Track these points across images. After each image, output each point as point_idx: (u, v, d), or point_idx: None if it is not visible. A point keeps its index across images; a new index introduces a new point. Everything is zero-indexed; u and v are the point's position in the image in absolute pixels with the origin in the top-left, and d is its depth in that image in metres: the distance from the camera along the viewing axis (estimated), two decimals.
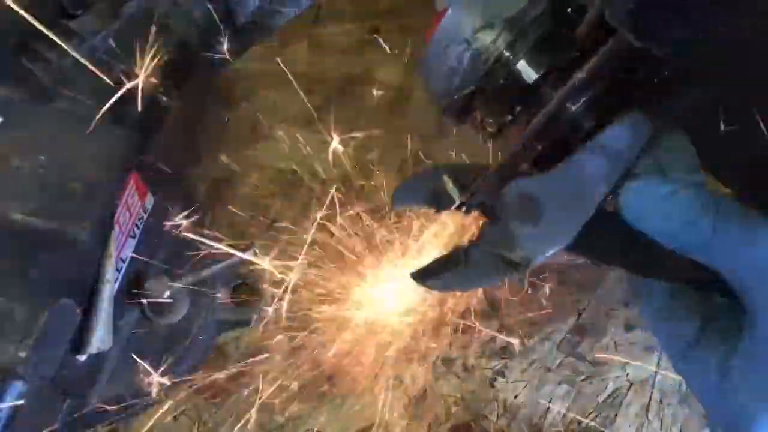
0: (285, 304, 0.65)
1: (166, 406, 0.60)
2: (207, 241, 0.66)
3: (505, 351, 0.64)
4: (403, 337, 0.63)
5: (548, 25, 0.42)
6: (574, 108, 0.41)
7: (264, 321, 0.64)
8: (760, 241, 0.33)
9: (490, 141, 0.47)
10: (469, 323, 0.64)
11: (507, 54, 0.42)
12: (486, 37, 0.42)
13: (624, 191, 0.38)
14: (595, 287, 0.68)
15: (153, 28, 0.59)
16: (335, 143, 0.73)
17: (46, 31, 0.56)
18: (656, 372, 0.64)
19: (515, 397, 0.60)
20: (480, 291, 0.65)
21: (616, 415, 0.60)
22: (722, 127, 0.56)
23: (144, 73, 0.56)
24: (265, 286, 0.64)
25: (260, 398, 0.61)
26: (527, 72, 0.42)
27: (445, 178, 0.44)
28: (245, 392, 0.61)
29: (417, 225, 0.68)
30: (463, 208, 0.44)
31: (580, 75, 0.39)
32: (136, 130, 0.52)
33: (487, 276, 0.40)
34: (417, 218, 0.67)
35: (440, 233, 0.66)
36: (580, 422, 0.59)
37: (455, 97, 0.45)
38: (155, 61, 0.57)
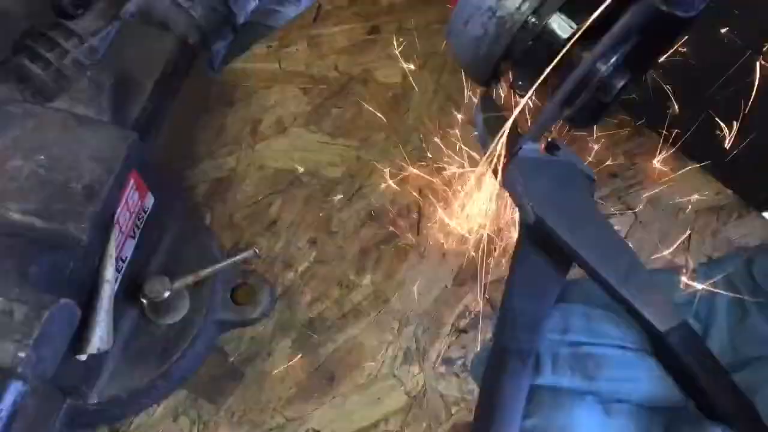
0: (284, 304, 0.65)
1: (166, 406, 0.60)
2: (207, 241, 0.66)
3: None
4: (406, 336, 0.63)
5: None
6: (604, 68, 0.40)
7: (264, 321, 0.64)
8: None
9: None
10: (469, 323, 0.64)
11: (533, 20, 0.41)
12: (510, 4, 0.41)
13: None
14: None
15: (153, 28, 0.59)
16: (335, 143, 0.73)
17: (46, 31, 0.56)
18: None
19: None
20: (479, 292, 0.65)
21: None
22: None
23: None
24: (265, 286, 0.64)
25: (260, 398, 0.61)
26: (554, 36, 0.41)
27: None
28: (245, 392, 0.61)
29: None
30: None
31: (608, 36, 0.38)
32: (136, 130, 0.52)
33: None
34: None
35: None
36: None
37: (482, 65, 0.44)
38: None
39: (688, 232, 0.68)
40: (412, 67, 0.78)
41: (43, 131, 0.49)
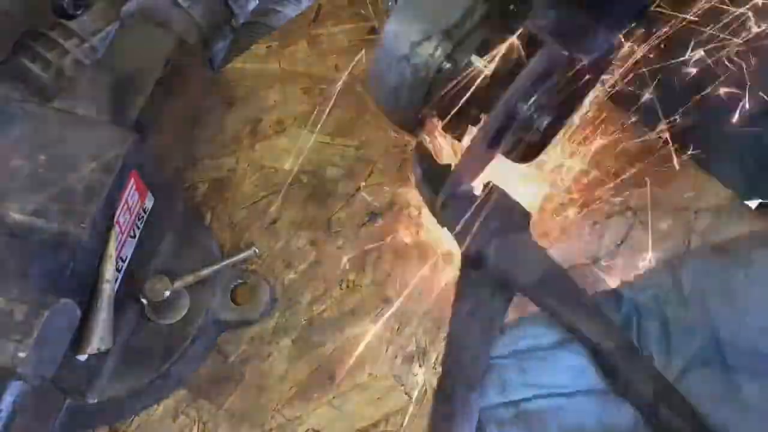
0: (284, 304, 0.65)
1: (166, 406, 0.60)
2: (207, 241, 0.66)
3: None
4: (406, 336, 0.63)
5: (486, 33, 0.41)
6: (525, 107, 0.41)
7: (264, 321, 0.64)
8: None
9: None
10: None
11: (447, 65, 0.41)
12: (424, 51, 0.41)
13: None
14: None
15: (153, 28, 0.59)
16: (335, 143, 0.73)
17: (46, 31, 0.56)
18: None
19: None
20: None
21: None
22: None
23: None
24: (265, 285, 0.64)
25: (260, 398, 0.61)
26: (471, 78, 0.41)
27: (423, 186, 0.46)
28: (245, 392, 0.61)
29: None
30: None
31: (521, 77, 0.39)
32: (136, 130, 0.52)
33: None
34: None
35: None
36: None
37: (406, 113, 0.45)
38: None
39: (688, 232, 0.67)
40: None
41: (43, 131, 0.50)
